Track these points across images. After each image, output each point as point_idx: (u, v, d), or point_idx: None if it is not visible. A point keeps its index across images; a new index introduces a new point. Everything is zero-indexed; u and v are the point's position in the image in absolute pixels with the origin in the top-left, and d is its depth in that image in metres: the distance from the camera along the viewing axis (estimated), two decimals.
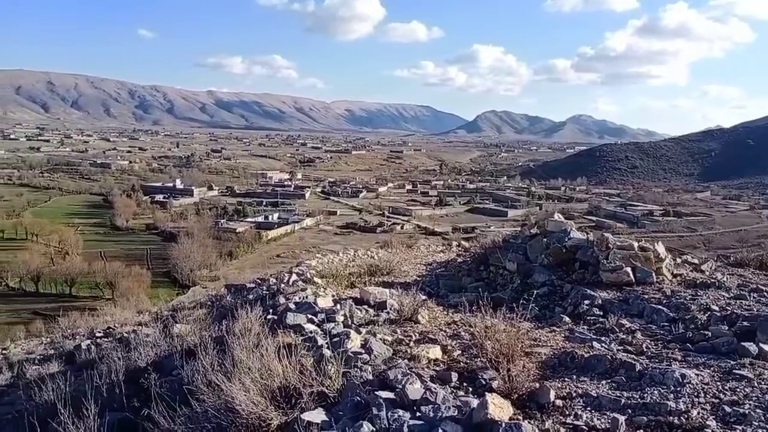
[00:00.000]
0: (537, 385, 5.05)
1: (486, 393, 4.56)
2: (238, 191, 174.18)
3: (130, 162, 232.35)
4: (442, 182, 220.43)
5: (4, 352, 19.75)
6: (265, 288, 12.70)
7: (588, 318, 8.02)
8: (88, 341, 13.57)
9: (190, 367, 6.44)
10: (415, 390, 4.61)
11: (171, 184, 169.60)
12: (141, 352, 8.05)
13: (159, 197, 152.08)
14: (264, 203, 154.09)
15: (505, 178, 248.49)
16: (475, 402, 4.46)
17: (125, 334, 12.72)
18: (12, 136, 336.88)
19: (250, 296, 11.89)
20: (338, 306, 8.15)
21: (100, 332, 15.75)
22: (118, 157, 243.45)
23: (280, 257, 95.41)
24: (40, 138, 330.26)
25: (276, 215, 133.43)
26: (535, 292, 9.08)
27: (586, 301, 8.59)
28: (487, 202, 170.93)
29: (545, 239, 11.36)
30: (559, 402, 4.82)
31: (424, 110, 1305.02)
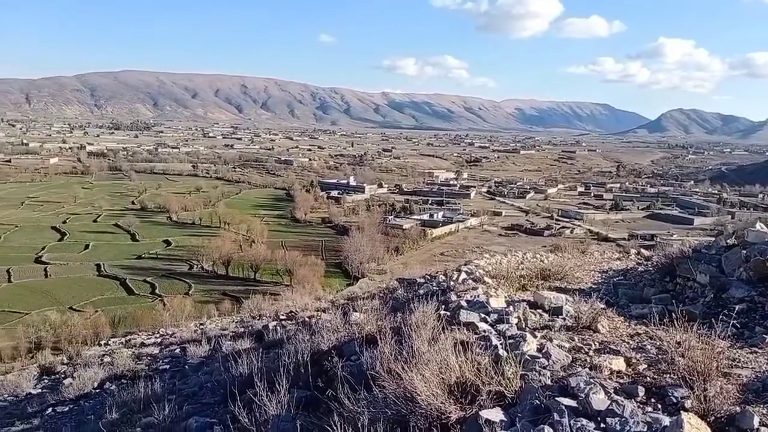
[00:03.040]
0: (738, 408, 4.60)
1: (680, 411, 4.24)
2: (405, 189, 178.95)
3: (310, 159, 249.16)
4: (618, 185, 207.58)
5: (201, 326, 22.34)
6: (434, 284, 12.91)
7: None
8: (275, 323, 14.82)
9: (370, 353, 6.78)
10: (599, 400, 4.43)
11: (345, 181, 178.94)
12: (323, 336, 8.60)
13: (334, 193, 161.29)
14: (430, 201, 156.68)
15: (692, 182, 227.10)
16: (666, 420, 4.18)
17: (306, 319, 13.70)
18: (210, 134, 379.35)
19: (421, 291, 12.15)
20: (511, 308, 8.05)
21: (283, 315, 17.13)
22: (300, 155, 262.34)
23: (444, 255, 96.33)
24: (233, 136, 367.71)
25: (441, 214, 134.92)
26: (737, 308, 8.22)
27: None
28: (670, 207, 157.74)
29: (744, 251, 10.22)
30: (764, 429, 4.34)
31: (601, 108, 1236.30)
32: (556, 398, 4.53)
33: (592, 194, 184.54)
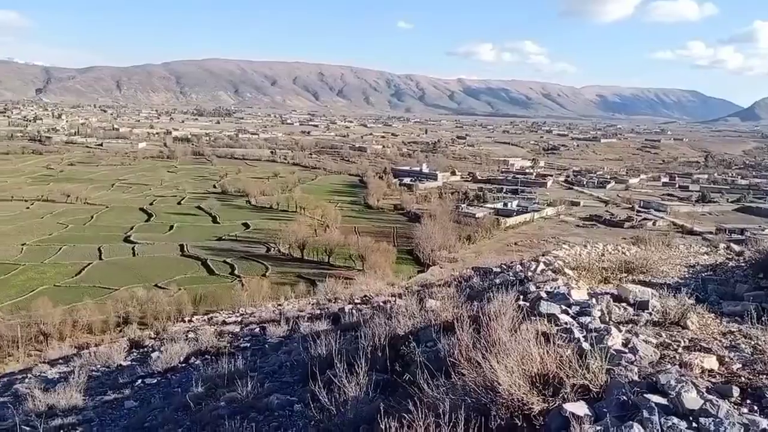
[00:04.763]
0: None
1: None
2: (479, 177, 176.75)
3: (383, 146, 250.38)
4: (706, 176, 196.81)
5: (279, 307, 23.03)
6: (511, 274, 12.72)
7: None
8: (350, 306, 15.09)
9: (447, 341, 6.79)
10: (691, 399, 4.25)
11: (418, 168, 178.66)
12: (399, 321, 8.68)
13: (406, 180, 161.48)
14: (504, 190, 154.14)
15: None
16: (765, 423, 4.00)
17: (381, 303, 13.86)
18: (288, 121, 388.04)
19: (497, 280, 12.00)
20: (594, 300, 7.83)
21: (357, 299, 17.40)
22: (374, 142, 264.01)
23: (518, 245, 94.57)
24: (310, 123, 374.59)
25: (515, 203, 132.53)
26: None
27: None
28: (763, 201, 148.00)
29: None
30: None
31: (689, 95, 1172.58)
32: (645, 395, 4.40)
33: (677, 185, 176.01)
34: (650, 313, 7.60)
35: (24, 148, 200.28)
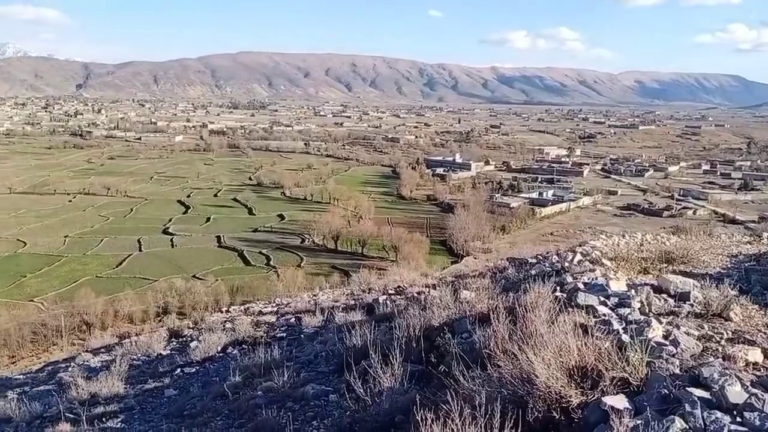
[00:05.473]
0: None
1: None
2: (513, 166, 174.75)
3: (416, 137, 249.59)
4: (748, 163, 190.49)
5: (314, 297, 23.23)
6: (547, 264, 12.58)
7: None
8: (384, 297, 15.12)
9: (483, 332, 6.75)
10: (736, 393, 4.14)
11: (451, 158, 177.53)
12: (434, 312, 8.67)
13: (439, 170, 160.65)
14: (539, 179, 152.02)
15: None
16: None
17: (415, 294, 13.85)
18: (321, 113, 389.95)
19: (533, 271, 11.89)
20: (633, 291, 7.69)
21: (391, 290, 17.43)
22: (406, 133, 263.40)
23: (553, 235, 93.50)
24: (343, 114, 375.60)
25: (551, 192, 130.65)
26: None
27: None
28: None
29: None
30: None
31: (731, 80, 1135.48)
32: (687, 388, 4.30)
33: (718, 173, 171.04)
34: (692, 305, 7.43)
35: (66, 143, 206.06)
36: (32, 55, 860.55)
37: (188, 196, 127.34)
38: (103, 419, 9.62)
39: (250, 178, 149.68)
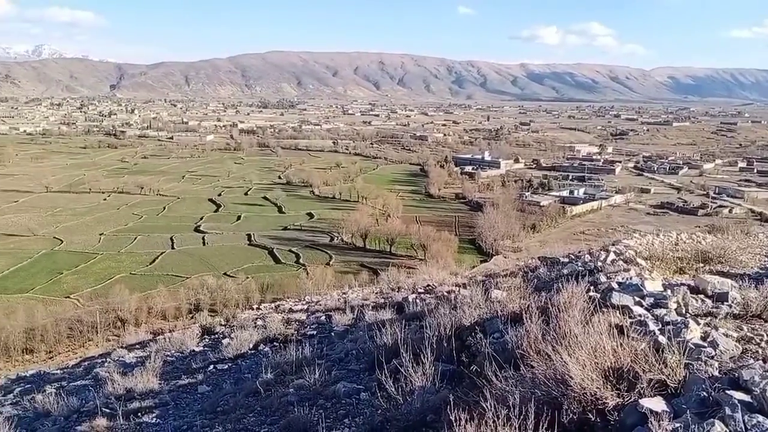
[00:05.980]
0: None
1: None
2: (543, 164, 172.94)
3: (444, 135, 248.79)
4: None
5: (344, 295, 23.34)
6: (579, 264, 12.42)
7: None
8: (413, 295, 15.11)
9: (515, 332, 6.70)
10: None
11: (480, 156, 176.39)
12: (465, 311, 8.63)
13: (468, 168, 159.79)
14: (570, 177, 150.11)
15: None
16: None
17: (445, 293, 13.82)
18: (350, 111, 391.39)
19: (565, 270, 11.76)
20: (669, 292, 7.55)
21: (421, 288, 17.41)
22: (434, 130, 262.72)
23: (584, 234, 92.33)
24: (371, 113, 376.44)
25: (582, 190, 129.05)
26: None
27: None
28: None
29: None
30: None
31: None
32: (726, 391, 4.20)
33: (755, 170, 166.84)
34: (730, 306, 7.28)
35: (100, 143, 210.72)
36: (67, 56, 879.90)
37: (219, 195, 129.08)
38: (139, 414, 9.81)
39: (279, 177, 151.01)
